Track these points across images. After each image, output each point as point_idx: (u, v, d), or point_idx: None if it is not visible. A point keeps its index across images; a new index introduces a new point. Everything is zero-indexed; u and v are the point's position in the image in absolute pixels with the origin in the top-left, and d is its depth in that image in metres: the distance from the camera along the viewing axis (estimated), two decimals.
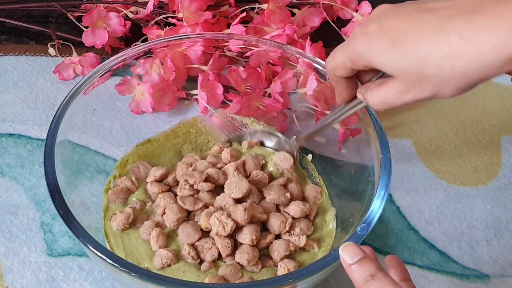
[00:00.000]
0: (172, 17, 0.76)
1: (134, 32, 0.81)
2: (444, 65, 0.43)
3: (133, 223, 0.61)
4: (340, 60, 0.51)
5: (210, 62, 0.71)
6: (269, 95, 0.70)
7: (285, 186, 0.63)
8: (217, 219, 0.58)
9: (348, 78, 0.52)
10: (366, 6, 0.77)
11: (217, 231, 0.58)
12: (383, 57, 0.46)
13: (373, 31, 0.47)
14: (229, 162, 0.64)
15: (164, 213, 0.60)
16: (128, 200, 0.63)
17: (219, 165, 0.64)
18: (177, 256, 0.58)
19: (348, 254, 0.47)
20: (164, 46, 0.68)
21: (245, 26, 0.74)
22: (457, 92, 0.45)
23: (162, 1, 0.78)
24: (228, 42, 0.69)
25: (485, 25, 0.42)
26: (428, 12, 0.45)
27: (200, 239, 0.59)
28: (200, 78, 0.70)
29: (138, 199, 0.63)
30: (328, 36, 0.80)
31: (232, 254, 0.58)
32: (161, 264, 0.57)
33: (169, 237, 0.60)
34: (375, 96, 0.50)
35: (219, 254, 0.58)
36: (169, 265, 0.57)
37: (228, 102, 0.70)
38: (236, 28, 0.73)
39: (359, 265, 0.46)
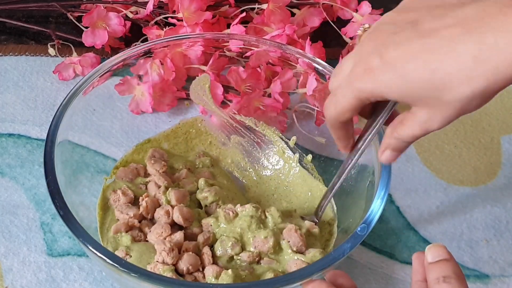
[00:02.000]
0: (172, 17, 0.76)
1: (134, 32, 0.81)
2: (464, 89, 0.41)
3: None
4: (346, 102, 0.47)
5: (210, 62, 0.71)
6: (269, 95, 0.70)
7: None
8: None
9: (349, 122, 0.51)
10: (366, 6, 0.77)
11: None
12: (396, 91, 0.44)
13: (377, 66, 0.44)
14: None
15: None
16: (134, 181, 0.64)
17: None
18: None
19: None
20: (164, 46, 0.68)
21: (245, 26, 0.74)
22: (480, 106, 0.43)
23: (162, 1, 0.78)
24: (228, 42, 0.69)
25: (500, 41, 0.40)
26: (431, 36, 0.42)
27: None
28: None
29: (143, 183, 0.64)
30: (328, 36, 0.80)
31: None
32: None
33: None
34: (405, 133, 0.47)
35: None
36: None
37: (228, 102, 0.70)
38: (236, 28, 0.73)
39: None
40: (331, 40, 0.80)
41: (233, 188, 0.66)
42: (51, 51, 0.81)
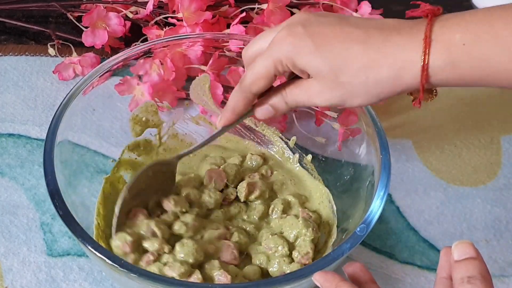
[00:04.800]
0: (172, 17, 0.76)
1: (134, 32, 0.81)
2: (360, 74, 0.48)
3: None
4: (263, 67, 0.51)
5: (210, 62, 0.71)
6: None
7: None
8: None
9: (254, 96, 0.54)
10: (366, 6, 0.77)
11: None
12: (307, 57, 0.49)
13: (300, 32, 0.49)
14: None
15: None
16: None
17: None
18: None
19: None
20: (164, 46, 0.68)
21: (245, 26, 0.74)
22: (364, 102, 0.50)
23: (162, 1, 0.78)
24: (228, 42, 0.69)
25: (400, 43, 0.47)
26: (351, 26, 0.49)
27: None
28: None
29: None
30: None
31: None
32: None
33: None
34: (291, 95, 0.52)
35: None
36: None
37: None
38: (236, 28, 0.73)
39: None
40: None
41: None
42: (51, 51, 0.81)
